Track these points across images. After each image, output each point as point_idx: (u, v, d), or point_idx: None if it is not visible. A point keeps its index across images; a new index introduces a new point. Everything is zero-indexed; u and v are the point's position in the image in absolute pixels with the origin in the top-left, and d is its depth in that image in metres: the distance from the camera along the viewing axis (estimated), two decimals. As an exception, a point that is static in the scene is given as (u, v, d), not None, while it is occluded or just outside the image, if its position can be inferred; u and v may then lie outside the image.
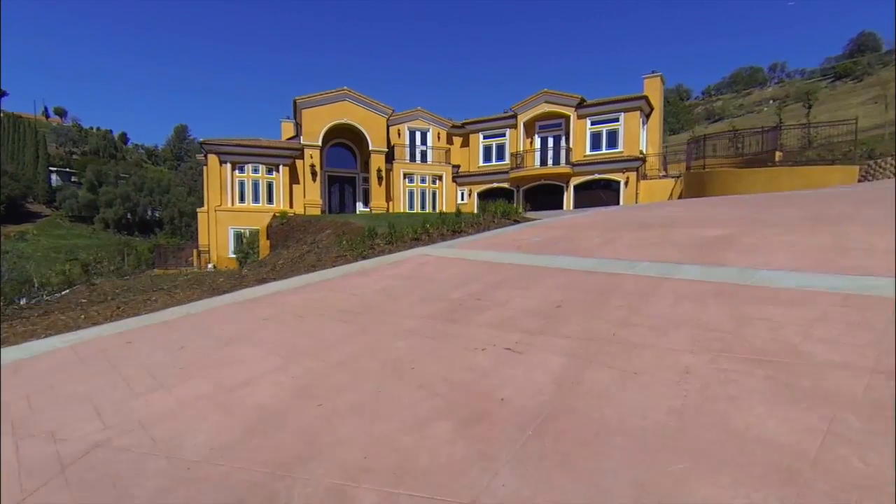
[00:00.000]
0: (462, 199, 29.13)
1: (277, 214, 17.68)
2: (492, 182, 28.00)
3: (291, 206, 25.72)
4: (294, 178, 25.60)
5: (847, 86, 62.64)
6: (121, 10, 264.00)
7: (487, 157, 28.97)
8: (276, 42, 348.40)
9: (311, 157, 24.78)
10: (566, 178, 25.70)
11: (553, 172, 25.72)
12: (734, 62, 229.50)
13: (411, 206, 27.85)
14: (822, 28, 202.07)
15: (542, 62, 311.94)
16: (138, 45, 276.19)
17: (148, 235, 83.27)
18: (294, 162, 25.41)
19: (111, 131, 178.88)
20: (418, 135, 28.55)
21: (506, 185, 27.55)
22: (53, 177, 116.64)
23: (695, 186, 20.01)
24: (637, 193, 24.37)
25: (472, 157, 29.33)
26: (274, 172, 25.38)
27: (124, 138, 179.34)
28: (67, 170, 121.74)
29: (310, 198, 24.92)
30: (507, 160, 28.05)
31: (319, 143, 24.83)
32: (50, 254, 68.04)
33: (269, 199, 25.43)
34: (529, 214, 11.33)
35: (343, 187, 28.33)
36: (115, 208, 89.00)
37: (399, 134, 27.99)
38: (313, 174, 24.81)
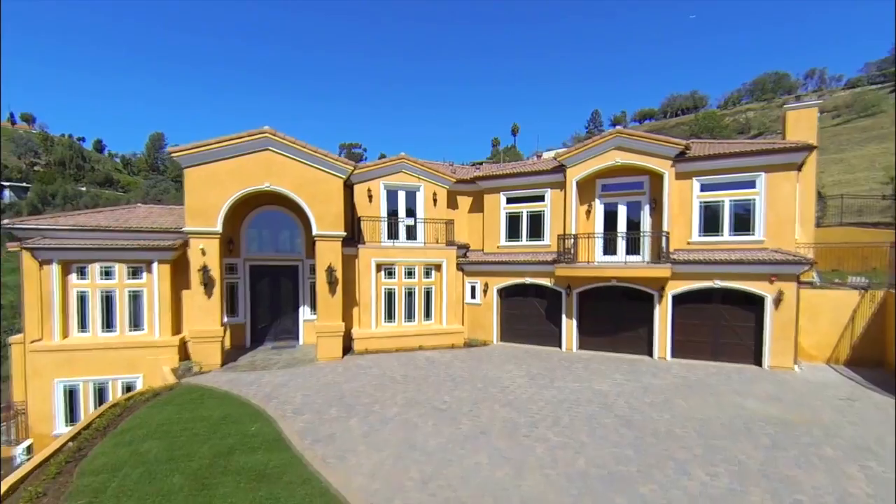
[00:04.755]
0: (472, 296, 18.10)
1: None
2: (522, 275, 16.98)
3: (179, 332, 14.67)
4: (185, 282, 14.51)
5: (922, 98, 52.00)
6: (110, 8, 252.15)
7: (514, 233, 17.95)
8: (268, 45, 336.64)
9: (204, 255, 13.65)
10: (659, 283, 14.73)
11: (636, 276, 14.72)
12: (747, 67, 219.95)
13: (389, 317, 16.77)
14: (820, 31, 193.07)
15: (526, 68, 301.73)
16: (127, 44, 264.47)
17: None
18: (185, 253, 14.35)
19: (83, 139, 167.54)
20: (402, 197, 17.49)
21: (547, 281, 16.55)
22: (6, 192, 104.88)
23: None
24: (797, 317, 13.42)
25: (490, 228, 18.33)
26: (143, 274, 14.28)
27: (99, 146, 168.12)
28: (24, 184, 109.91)
29: (202, 325, 13.77)
30: (549, 240, 17.06)
31: (218, 229, 13.71)
32: (-37, 300, 56.30)
33: (136, 324, 14.32)
34: None
35: (278, 283, 17.23)
36: (61, 235, 77.40)
37: (370, 197, 16.93)
38: (207, 283, 13.67)
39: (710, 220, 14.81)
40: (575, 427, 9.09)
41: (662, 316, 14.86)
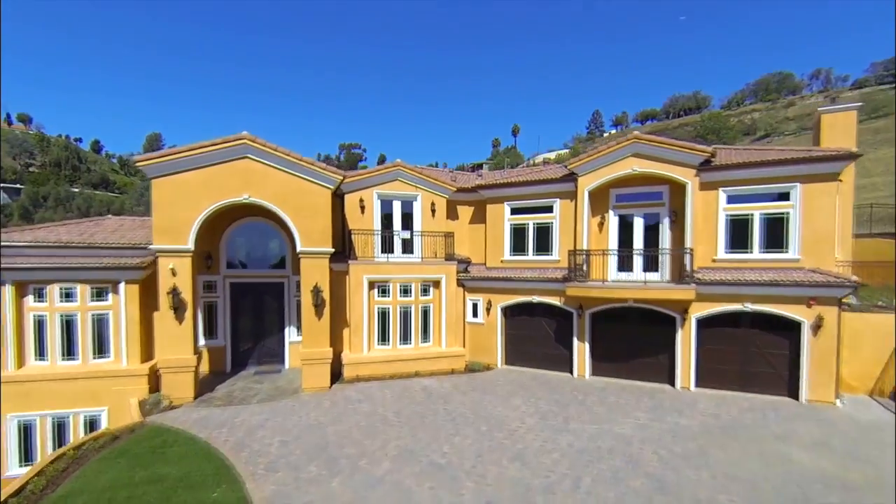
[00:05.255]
0: (474, 315, 16.65)
1: None
2: (529, 292, 15.53)
3: (150, 358, 13.17)
4: (156, 303, 13.01)
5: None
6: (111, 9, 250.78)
7: (519, 246, 16.49)
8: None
9: (174, 275, 12.20)
10: (682, 305, 13.28)
11: (657, 298, 13.26)
12: (750, 67, 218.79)
13: (383, 338, 15.31)
14: (821, 33, 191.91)
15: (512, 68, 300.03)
16: (125, 44, 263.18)
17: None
18: (155, 272, 12.85)
19: (80, 139, 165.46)
20: (397, 207, 16.04)
21: (556, 300, 15.10)
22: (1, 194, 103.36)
23: None
24: (839, 346, 11.96)
25: (493, 241, 16.87)
26: (108, 296, 12.81)
27: (97, 146, 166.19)
28: (18, 186, 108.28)
29: (172, 354, 12.32)
30: (558, 255, 15.62)
31: (190, 247, 12.25)
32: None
33: (100, 351, 12.85)
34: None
35: (262, 301, 15.77)
36: (52, 239, 75.87)
37: (362, 208, 15.48)
38: (178, 308, 12.23)
39: (739, 236, 13.36)
40: (599, 494, 7.62)
41: (685, 341, 13.41)
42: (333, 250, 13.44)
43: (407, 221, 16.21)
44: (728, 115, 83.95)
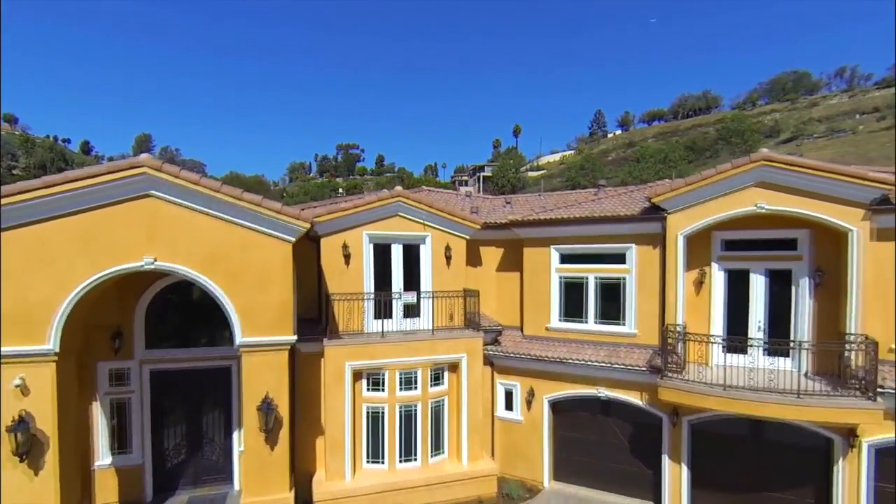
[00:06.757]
0: (508, 407, 11.79)
1: None
2: (593, 382, 10.61)
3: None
4: (19, 418, 8.05)
5: None
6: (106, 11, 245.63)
7: (574, 309, 11.53)
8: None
9: (25, 395, 7.26)
10: (847, 426, 8.39)
11: (813, 419, 8.32)
12: (756, 67, 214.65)
13: (375, 453, 10.39)
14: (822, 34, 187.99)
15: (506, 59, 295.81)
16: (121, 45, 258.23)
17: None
18: (17, 370, 7.87)
19: (68, 140, 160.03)
20: (398, 253, 11.15)
21: (635, 397, 10.20)
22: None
23: None
24: None
25: (534, 299, 11.92)
26: (-68, 419, 7.86)
27: (87, 147, 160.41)
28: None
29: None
30: (634, 325, 10.69)
31: (51, 346, 7.32)
32: None
33: (-83, 506, 7.89)
34: None
35: (199, 395, 10.81)
36: (26, 249, 71.04)
37: (347, 257, 10.56)
38: (26, 451, 7.28)
39: (941, 315, 8.48)
40: None
41: (852, 477, 8.54)
42: (295, 338, 8.52)
43: (411, 272, 11.31)
44: (746, 116, 79.33)
